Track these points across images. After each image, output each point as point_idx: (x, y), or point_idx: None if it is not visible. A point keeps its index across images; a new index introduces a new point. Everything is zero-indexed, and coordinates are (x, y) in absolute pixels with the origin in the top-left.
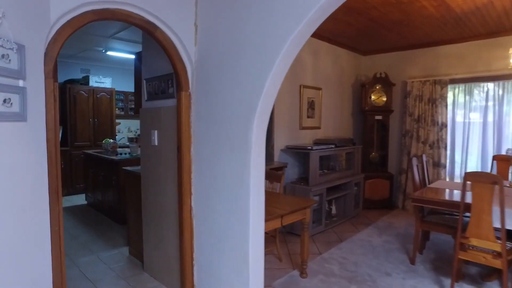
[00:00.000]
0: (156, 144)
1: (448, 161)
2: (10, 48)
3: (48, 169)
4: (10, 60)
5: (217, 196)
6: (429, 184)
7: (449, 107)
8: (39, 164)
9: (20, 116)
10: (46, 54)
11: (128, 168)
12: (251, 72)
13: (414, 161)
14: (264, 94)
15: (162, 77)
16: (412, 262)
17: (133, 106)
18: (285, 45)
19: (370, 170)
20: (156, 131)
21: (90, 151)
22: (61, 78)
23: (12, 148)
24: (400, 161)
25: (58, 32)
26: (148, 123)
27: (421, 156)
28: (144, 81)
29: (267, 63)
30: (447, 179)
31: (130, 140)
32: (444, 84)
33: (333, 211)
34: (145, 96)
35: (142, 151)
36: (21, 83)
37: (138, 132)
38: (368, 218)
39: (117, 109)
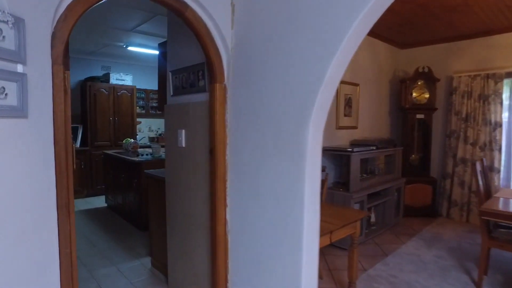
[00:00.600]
0: (184, 145)
1: (502, 165)
2: (3, 21)
3: (56, 179)
4: (4, 36)
5: (260, 210)
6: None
7: (504, 104)
8: (44, 172)
9: (19, 111)
10: (54, 35)
11: (151, 171)
12: (308, 56)
13: (478, 166)
14: (325, 83)
15: (190, 68)
16: (479, 286)
17: (154, 104)
18: (357, 16)
19: (410, 174)
20: (183, 131)
21: (110, 152)
22: (82, 76)
23: (6, 152)
24: (443, 164)
25: (68, 8)
26: (174, 122)
27: (481, 160)
28: (170, 74)
29: (331, 43)
30: (501, 186)
31: (151, 140)
32: (499, 78)
33: (372, 219)
34: (170, 90)
35: (167, 153)
36: (20, 68)
37: (160, 131)
38: (411, 227)
39: (137, 107)
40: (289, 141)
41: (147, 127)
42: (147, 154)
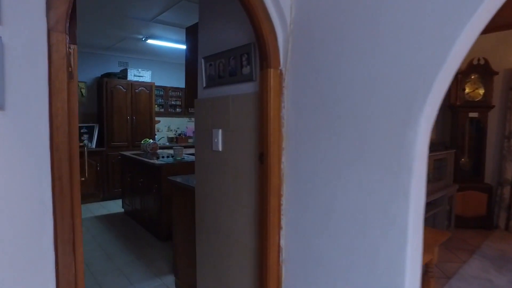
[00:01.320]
0: (220, 149)
1: None
2: None
3: (53, 200)
4: None
5: (331, 238)
6: None
7: None
8: (33, 193)
9: None
10: None
11: (177, 179)
12: (419, 29)
13: None
14: (448, 63)
15: (231, 52)
16: None
17: (174, 102)
18: None
19: (460, 180)
20: (220, 131)
21: (127, 153)
22: (98, 72)
23: None
24: (501, 169)
25: None
26: (208, 120)
27: None
28: (202, 61)
29: (460, 9)
30: None
31: (170, 140)
32: None
33: None
34: (203, 82)
35: (198, 157)
36: None
37: (179, 131)
38: (465, 241)
39: (156, 105)
40: (384, 145)
41: (166, 127)
42: (167, 156)
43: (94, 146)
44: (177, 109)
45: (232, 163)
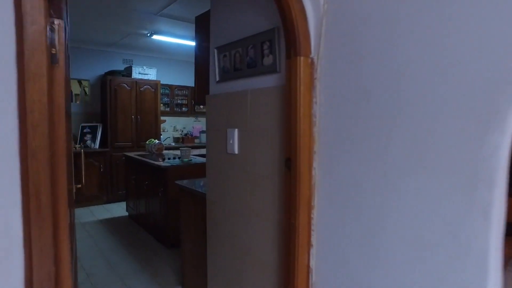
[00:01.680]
0: (236, 151)
1: None
2: None
3: (26, 228)
4: None
5: (376, 261)
6: None
7: None
8: None
9: None
10: None
11: (185, 183)
12: None
13: None
14: None
15: (249, 39)
16: None
17: (180, 101)
18: None
19: None
20: (236, 131)
21: (131, 154)
22: (101, 70)
23: None
24: None
25: None
26: (222, 118)
27: None
28: (215, 52)
29: None
30: None
31: (176, 140)
32: None
33: None
34: (216, 75)
35: (210, 161)
36: None
37: (185, 131)
38: None
39: (161, 104)
40: (455, 150)
41: (172, 127)
42: (174, 158)
43: (97, 146)
44: (183, 108)
45: (250, 168)
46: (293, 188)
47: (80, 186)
